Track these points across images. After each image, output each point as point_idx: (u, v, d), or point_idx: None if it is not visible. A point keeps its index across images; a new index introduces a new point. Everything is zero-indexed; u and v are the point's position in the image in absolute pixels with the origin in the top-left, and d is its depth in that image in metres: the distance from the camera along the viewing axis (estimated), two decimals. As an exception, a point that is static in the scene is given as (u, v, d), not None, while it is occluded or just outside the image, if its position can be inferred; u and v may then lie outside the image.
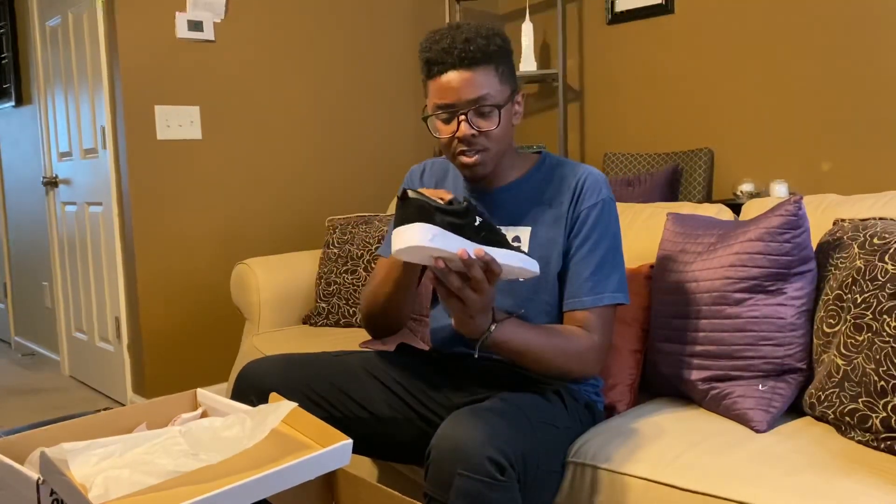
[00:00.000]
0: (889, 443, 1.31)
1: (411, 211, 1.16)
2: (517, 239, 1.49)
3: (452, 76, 1.36)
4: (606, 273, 1.44)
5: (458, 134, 1.38)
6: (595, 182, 1.47)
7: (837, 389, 1.39)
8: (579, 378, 1.46)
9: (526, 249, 1.48)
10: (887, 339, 1.32)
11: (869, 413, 1.33)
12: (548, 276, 1.47)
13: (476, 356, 1.34)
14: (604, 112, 3.65)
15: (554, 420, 1.39)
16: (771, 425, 1.46)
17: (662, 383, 1.70)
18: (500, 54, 1.40)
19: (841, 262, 1.48)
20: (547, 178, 1.51)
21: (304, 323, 2.61)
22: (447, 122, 1.40)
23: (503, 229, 1.50)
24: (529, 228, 1.48)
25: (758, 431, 1.44)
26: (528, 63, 3.50)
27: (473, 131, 1.38)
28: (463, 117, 1.37)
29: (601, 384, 1.60)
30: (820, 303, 1.51)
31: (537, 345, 1.36)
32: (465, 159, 1.41)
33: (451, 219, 1.18)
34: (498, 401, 1.32)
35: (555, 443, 1.39)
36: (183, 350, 3.02)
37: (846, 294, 1.42)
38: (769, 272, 1.50)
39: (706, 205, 1.99)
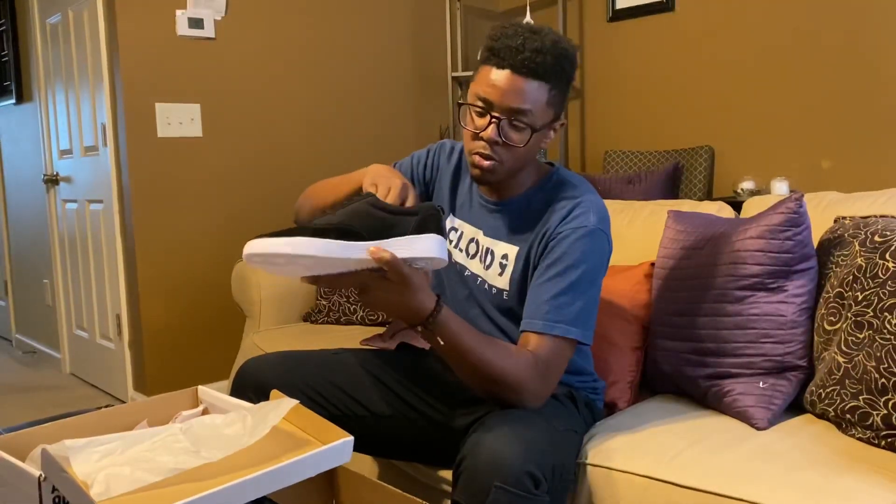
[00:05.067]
0: (890, 440, 1.31)
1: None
2: (505, 257, 1.44)
3: (505, 76, 1.30)
4: (567, 301, 1.32)
5: (483, 133, 1.33)
6: (587, 209, 1.38)
7: (838, 387, 1.39)
8: (509, 404, 1.31)
9: (511, 268, 1.44)
10: (888, 336, 1.32)
11: (870, 410, 1.33)
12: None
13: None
14: (604, 110, 3.65)
15: (571, 425, 1.39)
16: (771, 423, 1.46)
17: (663, 381, 1.70)
18: (561, 78, 1.34)
19: (842, 260, 1.48)
20: (547, 198, 1.43)
21: (305, 320, 2.61)
22: (480, 115, 1.34)
23: (495, 244, 1.46)
24: (517, 248, 1.44)
25: (758, 429, 1.44)
26: (528, 60, 3.49)
27: (498, 140, 1.32)
28: (496, 120, 1.32)
29: (602, 385, 1.60)
30: (821, 300, 1.51)
31: (479, 348, 1.27)
32: (478, 160, 1.35)
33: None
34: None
35: (574, 448, 1.39)
36: (184, 347, 3.02)
37: (847, 291, 1.42)
38: (770, 270, 1.50)
39: (707, 202, 1.99)
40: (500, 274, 1.45)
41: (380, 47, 3.52)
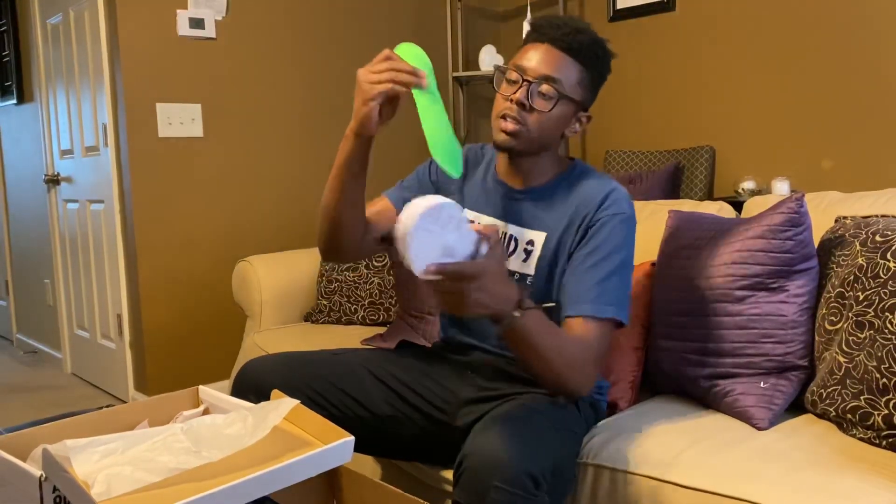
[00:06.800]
0: (891, 440, 1.30)
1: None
2: (531, 243, 1.47)
3: (543, 49, 1.39)
4: (613, 286, 1.38)
5: (513, 95, 1.39)
6: (620, 197, 1.43)
7: (839, 387, 1.39)
8: (569, 391, 1.35)
9: (538, 254, 1.46)
10: (889, 336, 1.32)
11: (871, 410, 1.33)
12: (555, 285, 1.45)
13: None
14: (604, 110, 3.64)
15: (572, 426, 1.39)
16: (772, 423, 1.46)
17: (664, 381, 1.70)
18: (596, 64, 1.43)
19: (843, 260, 1.48)
20: (573, 186, 1.47)
21: (306, 320, 2.61)
22: (512, 83, 1.40)
23: (520, 231, 1.48)
24: (545, 234, 1.46)
25: (759, 429, 1.44)
26: (529, 60, 3.49)
27: (526, 102, 1.38)
28: (526, 84, 1.38)
29: (606, 385, 1.60)
30: (822, 300, 1.51)
31: (552, 342, 1.28)
32: (504, 123, 1.40)
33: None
34: (520, 408, 1.31)
35: (574, 448, 1.39)
36: (184, 347, 3.02)
37: (848, 291, 1.42)
38: (771, 269, 1.50)
39: (707, 202, 1.99)
40: (525, 260, 1.47)
41: (380, 47, 3.49)
